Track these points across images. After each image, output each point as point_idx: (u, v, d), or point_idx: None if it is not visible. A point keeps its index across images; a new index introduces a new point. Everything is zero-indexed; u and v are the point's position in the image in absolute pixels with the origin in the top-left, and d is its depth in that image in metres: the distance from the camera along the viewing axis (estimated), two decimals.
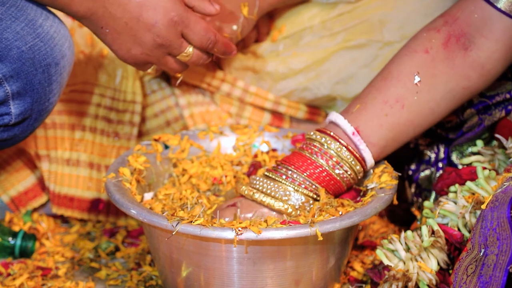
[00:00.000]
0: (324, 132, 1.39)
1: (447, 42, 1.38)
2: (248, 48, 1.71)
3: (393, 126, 1.38)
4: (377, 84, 1.40)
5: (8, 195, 1.65)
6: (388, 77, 1.39)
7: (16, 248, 1.54)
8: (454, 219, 1.32)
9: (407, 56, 1.39)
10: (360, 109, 1.39)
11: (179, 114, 1.72)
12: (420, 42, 1.39)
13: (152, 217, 1.29)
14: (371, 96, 1.39)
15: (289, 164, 1.39)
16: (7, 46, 1.29)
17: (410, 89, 1.38)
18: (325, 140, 1.38)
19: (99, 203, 1.65)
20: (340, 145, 1.38)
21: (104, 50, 1.71)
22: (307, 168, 1.38)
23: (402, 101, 1.38)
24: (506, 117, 1.41)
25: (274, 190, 1.37)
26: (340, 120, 1.39)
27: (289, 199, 1.37)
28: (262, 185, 1.39)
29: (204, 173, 1.51)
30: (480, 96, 1.45)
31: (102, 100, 1.65)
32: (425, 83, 1.38)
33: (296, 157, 1.40)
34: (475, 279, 1.16)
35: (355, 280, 1.44)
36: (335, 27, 1.65)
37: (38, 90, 1.33)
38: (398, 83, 1.38)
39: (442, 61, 1.38)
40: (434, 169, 1.51)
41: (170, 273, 1.36)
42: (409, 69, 1.38)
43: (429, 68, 1.38)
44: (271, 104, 1.69)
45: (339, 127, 1.39)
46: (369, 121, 1.38)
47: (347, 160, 1.38)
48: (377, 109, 1.38)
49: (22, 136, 1.38)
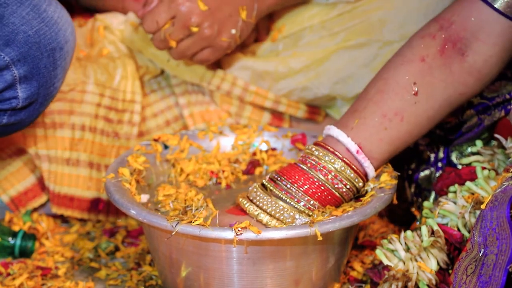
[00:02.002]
0: (326, 149, 1.36)
1: (443, 49, 1.35)
2: (248, 48, 1.71)
3: (393, 139, 1.36)
4: (374, 97, 1.36)
5: (8, 195, 1.65)
6: (385, 89, 1.36)
7: (15, 248, 1.54)
8: (454, 219, 1.32)
9: (403, 66, 1.36)
10: (359, 124, 1.36)
11: (178, 113, 1.72)
12: (416, 51, 1.36)
13: (151, 217, 1.29)
14: (370, 110, 1.36)
15: (288, 177, 1.36)
16: (14, 31, 1.30)
17: (408, 100, 1.35)
18: (329, 158, 1.35)
19: (99, 202, 1.65)
20: (344, 164, 1.35)
21: (103, 50, 1.71)
22: (304, 183, 1.35)
23: (401, 114, 1.35)
24: (505, 116, 1.41)
25: (272, 207, 1.35)
26: (343, 137, 1.35)
27: (285, 217, 1.34)
28: (262, 201, 1.36)
29: (201, 169, 1.51)
30: (480, 97, 1.44)
31: (102, 99, 1.65)
32: (423, 92, 1.35)
33: (295, 171, 1.36)
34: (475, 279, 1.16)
35: (355, 280, 1.44)
36: (334, 27, 1.65)
37: (44, 74, 1.35)
38: (396, 96, 1.35)
39: (439, 69, 1.35)
40: (433, 169, 1.51)
41: (170, 273, 1.36)
42: (406, 80, 1.35)
43: (426, 77, 1.35)
44: (271, 103, 1.69)
45: (341, 143, 1.36)
46: (370, 136, 1.35)
47: (350, 178, 1.35)
48: (376, 123, 1.35)
49: (28, 121, 1.40)
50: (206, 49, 1.58)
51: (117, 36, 1.71)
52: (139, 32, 1.69)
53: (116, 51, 1.71)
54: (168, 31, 1.54)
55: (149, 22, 1.54)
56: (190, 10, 1.52)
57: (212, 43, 1.57)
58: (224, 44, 1.57)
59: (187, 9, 1.52)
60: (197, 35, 1.55)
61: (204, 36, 1.55)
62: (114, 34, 1.72)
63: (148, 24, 1.54)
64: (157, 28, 1.54)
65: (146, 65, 1.71)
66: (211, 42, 1.56)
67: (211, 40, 1.56)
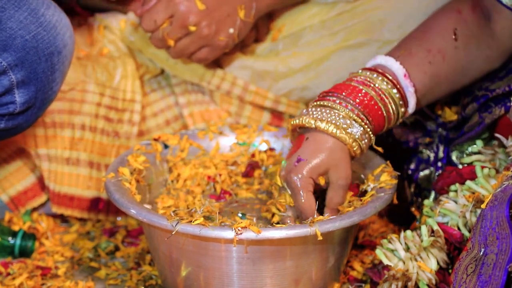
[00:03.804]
0: (375, 71, 1.39)
1: (474, 8, 1.44)
2: (247, 48, 1.71)
3: (434, 75, 1.42)
4: (418, 35, 1.44)
5: (7, 194, 1.64)
6: (428, 30, 1.43)
7: (15, 247, 1.54)
8: (455, 218, 1.32)
9: (444, 14, 1.44)
10: (405, 54, 1.41)
11: (178, 113, 1.72)
12: (452, 4, 1.45)
13: (151, 217, 1.29)
14: (415, 44, 1.42)
15: (339, 92, 1.38)
16: (11, 35, 1.30)
17: (449, 42, 1.42)
18: (377, 76, 1.38)
19: (99, 202, 1.65)
20: (392, 84, 1.38)
21: (103, 49, 1.71)
22: (356, 96, 1.37)
23: (443, 53, 1.41)
24: (505, 114, 1.41)
25: (335, 118, 1.35)
26: (391, 62, 1.40)
27: (341, 123, 1.35)
28: (322, 114, 1.36)
29: (197, 174, 1.51)
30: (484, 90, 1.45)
31: (102, 99, 1.65)
32: (461, 40, 1.42)
33: (344, 87, 1.38)
34: (475, 279, 1.16)
35: (355, 280, 1.44)
36: (334, 27, 1.65)
37: (42, 79, 1.34)
38: (438, 35, 1.42)
39: (472, 24, 1.43)
40: (433, 168, 1.51)
41: (170, 273, 1.36)
42: (447, 25, 1.43)
43: (464, 27, 1.43)
44: (271, 103, 1.69)
45: (388, 68, 1.40)
46: (415, 66, 1.40)
47: (396, 98, 1.38)
48: (422, 55, 1.41)
49: (26, 125, 1.39)
50: (204, 48, 1.58)
51: (117, 36, 1.71)
52: (139, 31, 1.69)
53: (116, 50, 1.71)
54: (166, 30, 1.54)
55: (147, 21, 1.54)
56: (188, 9, 1.53)
57: (210, 42, 1.57)
58: (222, 43, 1.57)
59: (185, 8, 1.52)
60: (195, 34, 1.55)
61: (202, 35, 1.55)
62: (114, 34, 1.72)
63: (146, 23, 1.54)
64: (155, 27, 1.54)
65: (146, 65, 1.71)
66: (209, 41, 1.56)
67: (209, 39, 1.56)
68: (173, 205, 1.44)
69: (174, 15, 1.53)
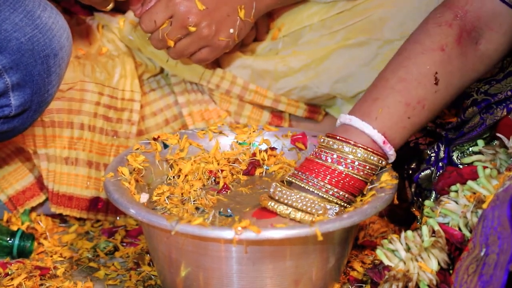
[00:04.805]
0: (346, 141, 1.36)
1: (460, 38, 1.38)
2: (247, 47, 1.71)
3: (414, 126, 1.39)
4: (397, 86, 1.38)
5: (6, 194, 1.64)
6: (407, 78, 1.38)
7: (14, 247, 1.53)
8: (455, 218, 1.32)
9: (424, 55, 1.39)
10: (384, 113, 1.37)
11: (178, 112, 1.71)
12: (435, 39, 1.39)
13: (151, 217, 1.29)
14: (393, 99, 1.38)
15: (310, 172, 1.36)
16: (6, 38, 1.29)
17: (430, 89, 1.38)
18: (349, 149, 1.35)
19: (98, 201, 1.65)
20: (368, 152, 1.36)
21: (102, 48, 1.71)
22: (325, 175, 1.35)
23: (423, 102, 1.38)
24: (507, 115, 1.41)
25: (302, 202, 1.34)
26: (368, 129, 1.36)
27: (317, 209, 1.34)
28: (290, 198, 1.35)
29: (199, 169, 1.50)
30: (484, 94, 1.44)
31: (101, 98, 1.65)
32: (443, 81, 1.39)
33: (314, 165, 1.36)
34: (476, 279, 1.16)
35: (355, 280, 1.44)
36: (334, 26, 1.65)
37: (38, 82, 1.33)
38: (419, 85, 1.38)
39: (456, 58, 1.39)
40: (434, 168, 1.50)
41: (169, 273, 1.35)
42: (428, 69, 1.38)
43: (446, 66, 1.38)
44: (271, 102, 1.68)
45: (366, 135, 1.36)
46: (394, 125, 1.37)
47: (373, 161, 1.36)
48: (401, 112, 1.37)
49: (22, 128, 1.39)
50: (204, 49, 1.57)
51: (116, 35, 1.71)
52: (138, 30, 1.68)
53: (115, 49, 1.71)
54: (166, 30, 1.53)
55: (146, 21, 1.54)
56: (188, 9, 1.52)
57: (210, 43, 1.56)
58: (222, 43, 1.57)
59: (185, 9, 1.52)
60: (195, 34, 1.54)
61: (202, 35, 1.54)
62: (113, 33, 1.71)
63: (146, 23, 1.54)
64: (155, 27, 1.53)
65: (145, 64, 1.71)
66: (209, 41, 1.56)
67: (209, 39, 1.55)
68: (168, 191, 1.43)
69: (174, 16, 1.53)
